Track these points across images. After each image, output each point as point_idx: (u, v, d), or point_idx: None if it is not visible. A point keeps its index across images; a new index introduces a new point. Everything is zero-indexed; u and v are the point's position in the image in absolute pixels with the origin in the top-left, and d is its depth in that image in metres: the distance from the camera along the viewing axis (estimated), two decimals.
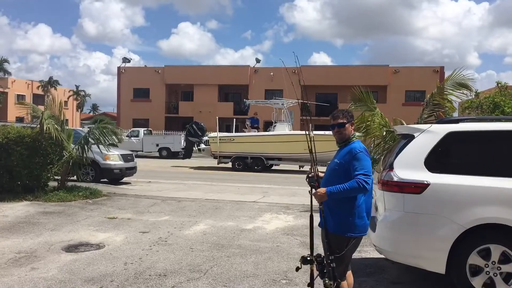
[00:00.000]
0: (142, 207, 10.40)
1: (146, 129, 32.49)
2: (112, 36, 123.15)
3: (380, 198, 4.83)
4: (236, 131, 23.93)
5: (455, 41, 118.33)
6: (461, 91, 9.02)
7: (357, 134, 4.07)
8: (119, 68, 45.23)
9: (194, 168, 22.18)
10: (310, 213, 4.07)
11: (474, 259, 4.33)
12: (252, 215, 9.64)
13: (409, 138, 4.79)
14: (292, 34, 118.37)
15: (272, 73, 40.16)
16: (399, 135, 5.45)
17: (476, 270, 4.35)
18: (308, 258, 3.82)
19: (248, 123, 22.33)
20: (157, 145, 29.94)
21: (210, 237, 7.58)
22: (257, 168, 20.79)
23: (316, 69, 41.73)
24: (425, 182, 4.42)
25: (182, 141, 29.25)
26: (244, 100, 22.39)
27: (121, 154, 14.91)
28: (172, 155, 29.50)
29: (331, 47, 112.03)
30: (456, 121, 4.82)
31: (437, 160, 4.57)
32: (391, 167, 4.67)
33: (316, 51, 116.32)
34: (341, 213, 3.76)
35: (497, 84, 9.78)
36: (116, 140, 12.40)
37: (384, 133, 9.93)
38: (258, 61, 42.09)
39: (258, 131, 22.12)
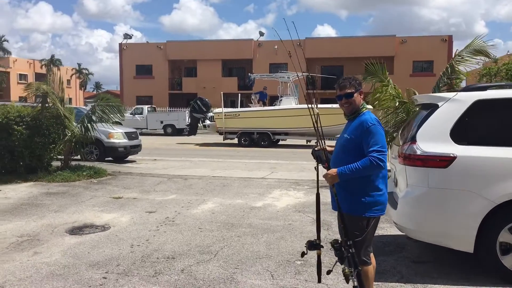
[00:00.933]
0: (148, 185, 10.15)
1: (150, 106, 32.13)
2: (113, 13, 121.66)
3: (401, 172, 4.51)
4: (241, 107, 23.49)
5: (462, 9, 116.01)
6: (479, 58, 8.61)
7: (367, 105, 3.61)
8: (120, 44, 44.59)
9: (199, 145, 21.92)
10: (316, 191, 3.76)
11: (505, 236, 4.03)
12: (261, 192, 9.37)
13: (432, 108, 4.42)
14: (296, 6, 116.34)
15: (276, 46, 39.36)
16: (419, 105, 5.07)
17: (507, 248, 4.05)
18: (315, 243, 3.52)
19: (253, 97, 21.90)
20: (162, 122, 29.63)
21: (219, 216, 7.31)
22: (263, 144, 20.48)
23: (320, 41, 40.93)
24: (452, 155, 4.08)
25: (187, 117, 28.92)
26: (249, 74, 21.89)
27: (125, 132, 14.62)
28: (177, 132, 29.21)
29: (335, 19, 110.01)
30: (484, 88, 4.44)
31: (464, 131, 4.21)
32: (413, 140, 4.32)
33: (320, 23, 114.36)
34: (356, 191, 3.40)
35: (508, 52, 9.27)
36: (121, 118, 12.07)
37: (397, 103, 9.55)
38: (261, 34, 41.34)
39: (265, 106, 21.69)
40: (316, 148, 3.78)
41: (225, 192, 9.37)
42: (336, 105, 20.55)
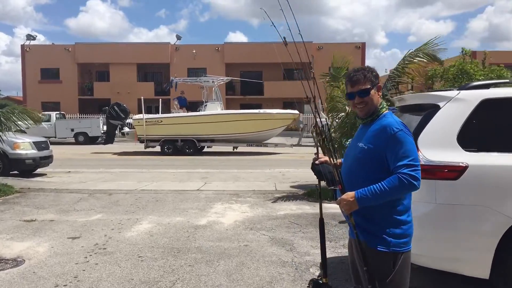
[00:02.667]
0: (66, 204, 8.71)
1: (58, 112, 29.40)
2: (13, 15, 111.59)
3: None
4: (160, 113, 22.10)
5: (364, 20, 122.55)
6: (427, 60, 8.45)
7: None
8: (23, 46, 40.69)
9: (118, 154, 20.22)
10: (319, 216, 2.97)
11: None
12: (201, 206, 8.38)
13: (430, 109, 3.81)
14: (208, 13, 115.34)
15: (194, 51, 38.30)
16: (406, 106, 4.45)
17: None
18: (321, 282, 2.81)
19: (176, 103, 20.69)
20: (72, 130, 27.19)
21: (160, 238, 6.23)
22: (188, 151, 19.35)
23: (239, 46, 40.47)
24: (462, 164, 3.48)
25: (101, 124, 26.84)
26: (172, 78, 20.64)
27: (33, 142, 12.81)
28: (90, 140, 26.97)
29: (247, 26, 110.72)
30: (486, 86, 3.92)
31: (473, 135, 3.64)
32: None
33: (232, 30, 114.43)
34: (380, 218, 2.61)
35: (463, 52, 9.30)
36: (31, 124, 10.39)
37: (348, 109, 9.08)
38: (178, 38, 39.90)
39: (187, 112, 20.55)
40: (317, 162, 2.96)
41: (160, 208, 8.25)
42: (263, 110, 20.11)
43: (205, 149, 21.04)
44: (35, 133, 22.97)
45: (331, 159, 2.78)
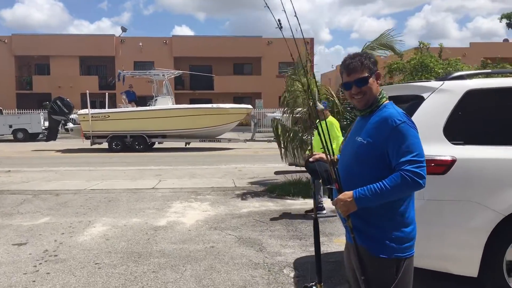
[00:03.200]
0: (8, 206, 7.97)
1: None
2: None
3: None
4: (106, 108, 21.10)
5: (310, 17, 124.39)
6: (383, 51, 8.41)
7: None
8: None
9: (62, 152, 19.08)
10: (314, 216, 2.71)
11: None
12: (158, 206, 7.92)
13: (414, 100, 3.64)
14: (153, 6, 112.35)
15: (141, 43, 37.07)
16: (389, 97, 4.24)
17: None
18: None
19: (124, 97, 19.79)
20: (10, 126, 25.47)
21: (117, 242, 5.76)
22: (138, 148, 18.57)
23: (188, 39, 39.64)
24: (450, 158, 3.32)
25: (42, 120, 25.35)
26: (119, 71, 19.68)
27: None
28: (30, 137, 25.39)
29: (193, 20, 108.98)
30: (469, 76, 3.79)
31: (459, 127, 3.49)
32: None
33: (178, 24, 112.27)
34: (381, 221, 2.34)
35: (420, 45, 9.36)
36: None
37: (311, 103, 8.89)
38: (124, 30, 38.38)
39: (135, 106, 19.72)
40: (311, 159, 2.68)
41: (114, 209, 7.71)
42: (217, 105, 19.72)
43: (156, 145, 20.32)
44: None
45: (328, 155, 2.50)
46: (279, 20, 2.81)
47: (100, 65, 39.96)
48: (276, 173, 12.48)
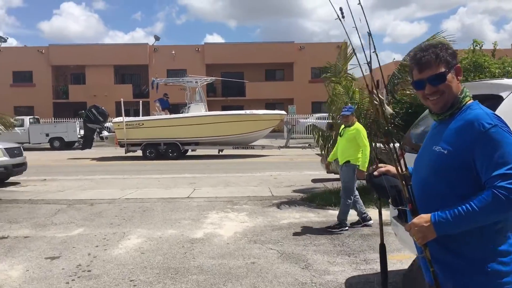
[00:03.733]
0: (42, 216, 7.82)
1: (32, 117, 28.03)
2: None
3: None
4: (140, 116, 21.09)
5: (337, 22, 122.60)
6: None
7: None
8: None
9: (96, 160, 19.17)
10: (380, 242, 2.29)
11: None
12: (194, 216, 7.60)
13: (490, 100, 3.15)
14: (185, 15, 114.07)
15: (173, 52, 37.29)
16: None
17: None
18: None
19: (158, 105, 19.75)
20: (47, 135, 25.91)
21: (152, 256, 5.45)
22: (172, 155, 18.43)
23: (220, 46, 39.66)
24: None
25: (78, 129, 25.68)
26: (153, 79, 19.67)
27: (5, 148, 11.80)
28: (66, 145, 25.75)
29: (224, 28, 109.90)
30: None
31: None
32: None
33: (210, 32, 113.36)
34: (471, 249, 1.88)
35: (473, 43, 8.81)
36: (2, 129, 9.48)
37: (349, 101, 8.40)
38: (157, 38, 38.78)
39: (169, 114, 19.63)
40: (375, 173, 2.26)
41: (149, 219, 7.45)
42: (250, 111, 19.36)
43: (189, 153, 20.17)
44: (7, 139, 21.78)
45: (398, 168, 2.06)
46: (340, 9, 2.41)
47: (134, 74, 40.44)
48: (314, 181, 12.02)
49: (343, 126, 6.85)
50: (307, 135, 30.08)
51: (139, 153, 18.99)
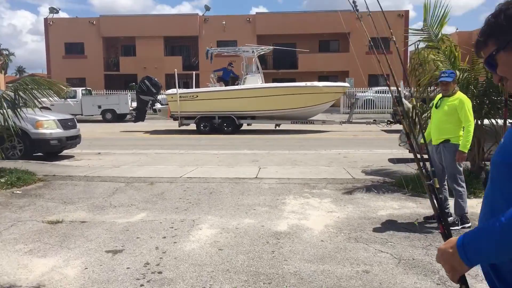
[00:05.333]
0: (100, 196, 7.00)
1: (84, 88, 27.88)
2: None
3: None
4: (194, 87, 20.16)
5: None
6: None
7: None
8: (46, 19, 39.17)
9: (149, 133, 18.52)
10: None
11: None
12: (269, 201, 6.54)
13: None
14: None
15: (224, 22, 36.10)
16: None
17: None
18: None
19: (212, 76, 18.74)
20: (99, 107, 25.66)
21: (233, 255, 4.43)
22: (227, 130, 17.49)
23: (271, 16, 37.99)
24: None
25: (129, 101, 25.24)
26: (207, 48, 18.59)
27: (58, 120, 11.17)
28: (118, 117, 25.43)
29: (271, 1, 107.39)
30: None
31: None
32: None
33: (255, 5, 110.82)
34: None
35: None
36: (54, 97, 8.74)
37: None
38: (207, 8, 37.64)
39: (227, 86, 18.57)
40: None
41: (218, 204, 6.45)
42: (310, 83, 18.03)
43: (244, 127, 19.17)
44: (60, 110, 21.58)
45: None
46: None
47: (184, 45, 39.65)
48: (391, 160, 10.70)
49: (439, 96, 5.51)
50: (365, 109, 28.43)
51: (192, 126, 18.18)
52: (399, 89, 7.73)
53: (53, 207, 6.41)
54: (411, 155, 8.04)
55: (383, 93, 29.44)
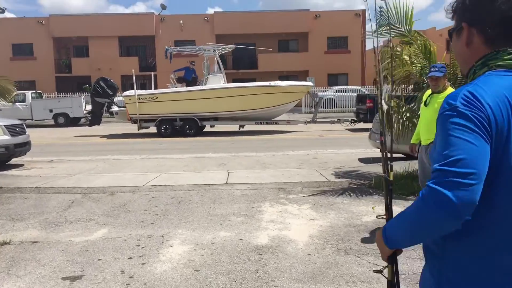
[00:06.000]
0: (53, 210, 6.26)
1: (34, 91, 26.30)
2: None
3: None
4: (153, 89, 19.31)
5: None
6: None
7: None
8: None
9: (106, 137, 17.54)
10: None
11: None
12: (244, 210, 6.02)
13: None
14: None
15: (181, 21, 35.20)
16: None
17: None
18: None
19: (172, 76, 17.97)
20: (51, 110, 24.23)
21: (213, 276, 3.89)
22: (189, 132, 16.79)
23: (230, 15, 37.34)
24: None
25: (83, 103, 24.01)
26: (166, 47, 17.75)
27: (5, 126, 10.19)
28: (72, 122, 24.12)
29: (227, 2, 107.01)
30: None
31: None
32: None
33: (211, 6, 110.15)
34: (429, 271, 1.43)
35: None
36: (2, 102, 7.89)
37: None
38: (163, 7, 36.53)
39: (189, 86, 17.82)
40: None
41: (189, 215, 5.86)
42: (274, 83, 17.57)
43: (207, 129, 18.52)
44: (8, 115, 20.18)
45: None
46: None
47: (140, 46, 38.38)
48: (362, 160, 10.45)
49: (428, 92, 5.19)
50: (327, 109, 28.38)
51: (152, 129, 17.37)
52: (378, 87, 7.38)
53: None
54: (378, 153, 7.72)
55: (343, 92, 29.52)
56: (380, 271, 1.71)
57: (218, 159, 11.11)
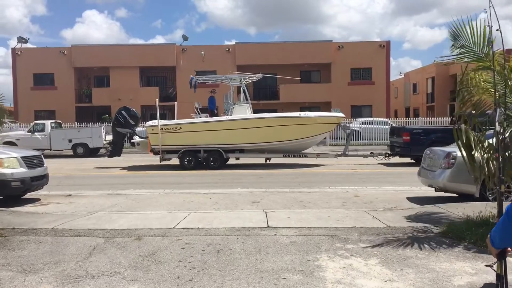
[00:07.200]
0: (72, 259, 5.31)
1: (54, 121, 25.85)
2: (9, 27, 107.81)
3: None
4: (175, 118, 18.57)
5: (360, 28, 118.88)
6: None
7: None
8: (13, 49, 37.12)
9: (127, 169, 16.71)
10: None
11: None
12: (298, 265, 4.98)
13: None
14: (205, 23, 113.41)
15: (203, 52, 34.93)
16: None
17: None
18: None
19: (196, 105, 17.23)
20: (70, 140, 23.64)
21: None
22: (213, 165, 15.88)
23: (252, 46, 37.02)
24: None
25: (103, 134, 23.39)
26: (192, 77, 17.08)
27: (22, 157, 9.42)
28: (91, 152, 23.46)
29: (244, 35, 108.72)
30: None
31: None
32: None
33: (228, 39, 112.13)
34: None
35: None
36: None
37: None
38: (185, 38, 36.39)
39: (213, 116, 17.07)
40: None
41: (233, 270, 4.85)
42: (304, 113, 16.61)
43: (230, 161, 17.61)
44: (28, 145, 19.59)
45: None
46: None
47: (161, 76, 38.19)
48: (411, 199, 9.40)
49: None
50: (353, 141, 27.34)
51: (174, 161, 16.52)
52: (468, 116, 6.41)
53: (7, 279, 4.69)
54: (434, 194, 6.66)
55: (369, 124, 28.55)
56: (490, 266, 2.25)
57: (249, 196, 10.12)
